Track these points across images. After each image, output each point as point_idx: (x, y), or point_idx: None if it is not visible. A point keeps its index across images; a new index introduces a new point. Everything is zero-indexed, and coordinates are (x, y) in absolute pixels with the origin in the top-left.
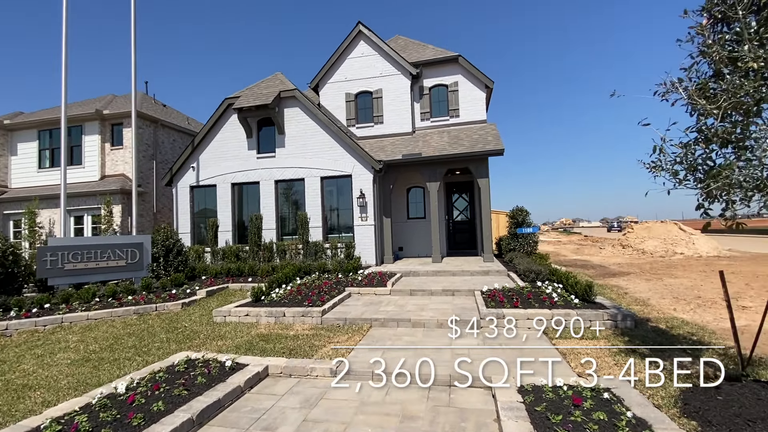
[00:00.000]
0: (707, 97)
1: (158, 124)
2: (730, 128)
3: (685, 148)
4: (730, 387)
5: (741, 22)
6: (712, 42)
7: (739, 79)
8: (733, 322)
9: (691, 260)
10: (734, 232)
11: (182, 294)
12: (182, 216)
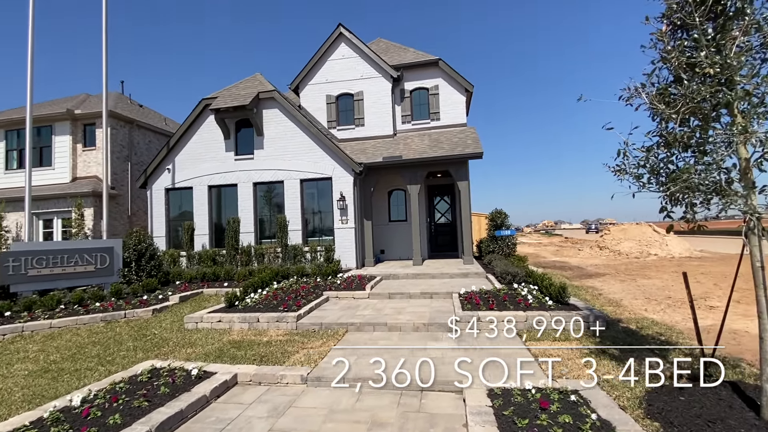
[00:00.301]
0: (667, 102)
1: (133, 125)
2: (689, 133)
3: (647, 152)
4: (692, 388)
5: (698, 29)
6: (672, 48)
7: (696, 84)
8: (696, 323)
9: (664, 261)
10: (704, 233)
11: (154, 300)
12: (157, 219)
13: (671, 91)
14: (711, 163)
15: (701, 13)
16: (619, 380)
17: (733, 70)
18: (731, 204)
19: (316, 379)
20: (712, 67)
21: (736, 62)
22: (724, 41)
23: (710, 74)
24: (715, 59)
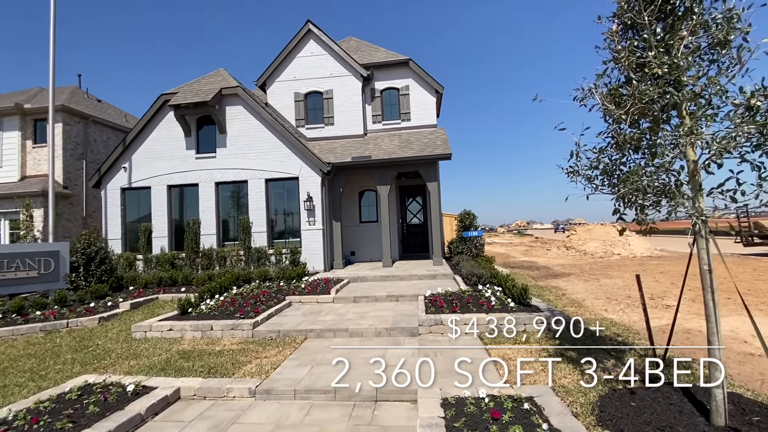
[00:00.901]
0: (617, 103)
1: (89, 121)
2: (639, 134)
3: (598, 153)
4: (644, 391)
5: (648, 29)
6: (622, 48)
7: (644, 85)
8: (649, 325)
9: (626, 260)
10: (667, 233)
11: (102, 307)
12: (112, 221)
13: (622, 92)
14: (659, 166)
15: (650, 13)
16: (575, 384)
17: (681, 71)
18: (678, 206)
19: (265, 391)
20: (661, 68)
21: (683, 62)
22: (673, 41)
23: (659, 74)
24: (664, 59)
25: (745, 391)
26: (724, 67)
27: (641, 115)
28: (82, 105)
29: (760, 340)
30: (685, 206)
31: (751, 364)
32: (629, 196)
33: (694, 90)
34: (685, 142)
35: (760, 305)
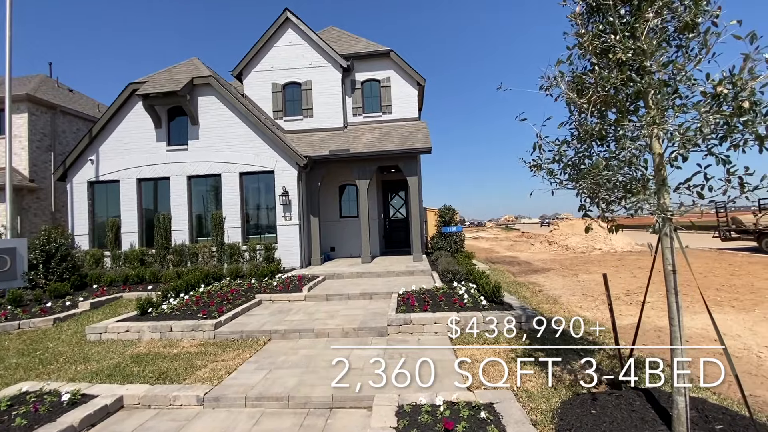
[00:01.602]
0: (579, 91)
1: (57, 111)
2: (602, 125)
3: (559, 145)
4: (607, 397)
5: (612, 11)
6: (585, 32)
7: (606, 71)
8: (615, 326)
9: (607, 255)
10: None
11: (59, 307)
12: (79, 216)
13: (586, 80)
14: (622, 159)
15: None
16: (539, 388)
17: (646, 56)
18: (641, 203)
19: (214, 399)
20: (625, 53)
21: (649, 47)
22: (638, 24)
23: (623, 60)
24: (628, 44)
25: (711, 395)
26: (693, 54)
27: (604, 105)
28: (50, 95)
29: (718, 335)
30: (649, 203)
31: (720, 365)
32: (592, 191)
33: (659, 78)
34: (648, 134)
35: (733, 301)
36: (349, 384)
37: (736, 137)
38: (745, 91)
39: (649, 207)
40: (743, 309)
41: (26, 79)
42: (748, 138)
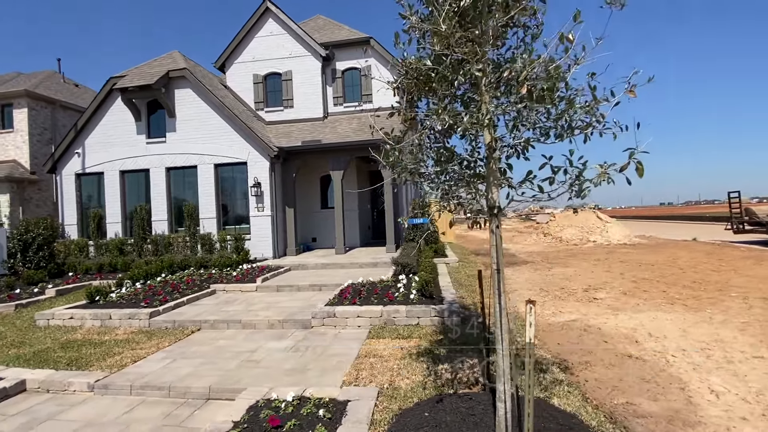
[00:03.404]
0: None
1: (56, 105)
2: (423, 113)
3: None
4: (456, 398)
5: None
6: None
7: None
8: (486, 325)
9: (598, 248)
10: (674, 218)
11: (26, 294)
12: (68, 206)
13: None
14: (458, 153)
15: None
16: (410, 387)
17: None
18: (470, 199)
19: (103, 387)
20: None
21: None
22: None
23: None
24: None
25: (584, 403)
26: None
27: (430, 91)
28: (52, 90)
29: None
30: (476, 198)
31: (619, 368)
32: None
33: (492, 59)
34: (475, 121)
35: (691, 299)
36: (235, 376)
37: (559, 126)
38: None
39: (477, 203)
40: (695, 308)
41: (32, 75)
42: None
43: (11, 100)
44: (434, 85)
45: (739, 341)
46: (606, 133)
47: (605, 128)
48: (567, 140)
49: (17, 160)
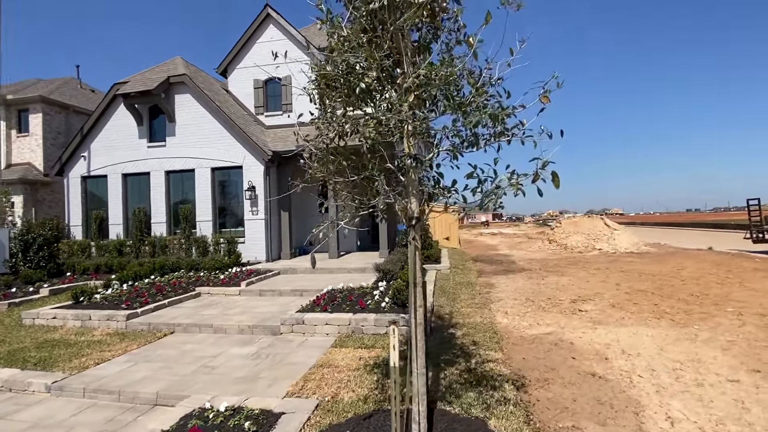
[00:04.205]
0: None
1: (70, 111)
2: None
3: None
4: (383, 414)
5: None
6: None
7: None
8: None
9: (602, 256)
10: (698, 225)
11: (21, 293)
12: (74, 208)
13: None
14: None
15: None
16: (353, 400)
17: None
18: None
19: (59, 388)
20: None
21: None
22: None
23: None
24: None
25: (524, 425)
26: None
27: (347, 95)
28: (66, 96)
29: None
30: (398, 207)
31: (578, 388)
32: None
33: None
34: (394, 124)
35: (681, 314)
36: (187, 382)
37: (472, 135)
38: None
39: (397, 211)
40: (682, 324)
41: (50, 81)
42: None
43: (27, 106)
44: (339, 91)
45: (718, 362)
46: (527, 141)
47: (526, 136)
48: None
49: (32, 162)
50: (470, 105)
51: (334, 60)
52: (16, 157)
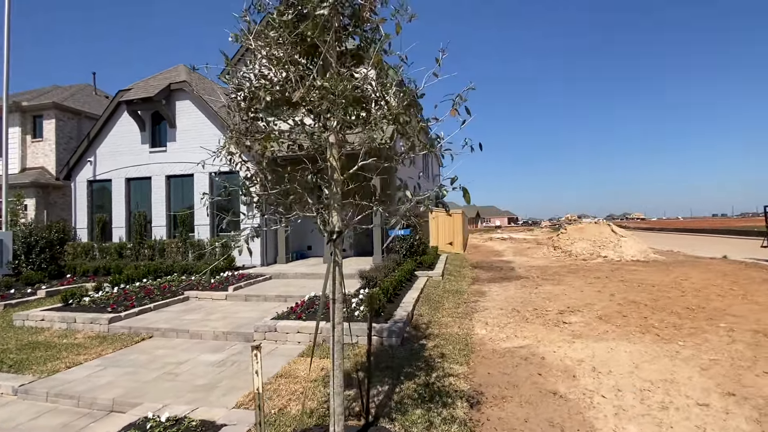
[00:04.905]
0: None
1: (82, 116)
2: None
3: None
4: (313, 431)
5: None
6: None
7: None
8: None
9: (605, 264)
10: (719, 232)
11: (19, 294)
12: (80, 211)
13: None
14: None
15: None
16: (297, 414)
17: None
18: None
19: (25, 391)
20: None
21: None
22: None
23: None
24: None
25: None
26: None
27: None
28: (80, 102)
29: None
30: (317, 222)
31: (534, 407)
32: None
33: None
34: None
35: (671, 328)
36: (145, 389)
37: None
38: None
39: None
40: (667, 339)
41: (66, 88)
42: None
43: (41, 112)
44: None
45: (692, 382)
46: (445, 154)
47: (444, 149)
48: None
49: (45, 167)
50: (373, 122)
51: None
52: (31, 162)
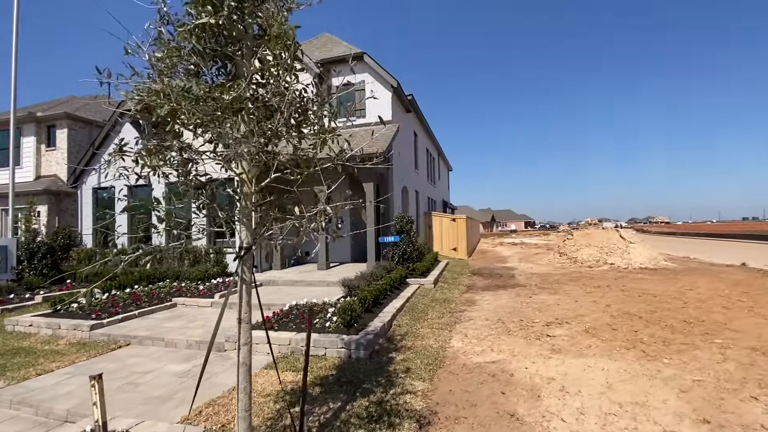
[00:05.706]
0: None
1: (93, 126)
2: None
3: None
4: None
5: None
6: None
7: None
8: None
9: (610, 272)
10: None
11: (18, 299)
12: (86, 217)
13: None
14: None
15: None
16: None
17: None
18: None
19: None
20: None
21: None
22: None
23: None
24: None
25: None
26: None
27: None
28: (92, 112)
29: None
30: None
31: (485, 430)
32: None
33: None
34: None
35: (659, 344)
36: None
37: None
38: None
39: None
40: (651, 356)
41: (79, 98)
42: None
43: (55, 122)
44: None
45: (666, 406)
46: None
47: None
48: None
49: (57, 174)
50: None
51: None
52: (45, 170)
